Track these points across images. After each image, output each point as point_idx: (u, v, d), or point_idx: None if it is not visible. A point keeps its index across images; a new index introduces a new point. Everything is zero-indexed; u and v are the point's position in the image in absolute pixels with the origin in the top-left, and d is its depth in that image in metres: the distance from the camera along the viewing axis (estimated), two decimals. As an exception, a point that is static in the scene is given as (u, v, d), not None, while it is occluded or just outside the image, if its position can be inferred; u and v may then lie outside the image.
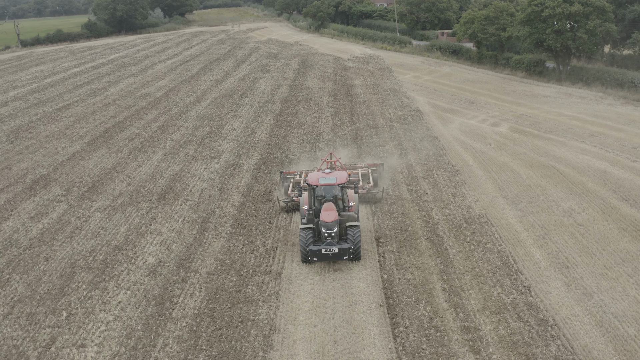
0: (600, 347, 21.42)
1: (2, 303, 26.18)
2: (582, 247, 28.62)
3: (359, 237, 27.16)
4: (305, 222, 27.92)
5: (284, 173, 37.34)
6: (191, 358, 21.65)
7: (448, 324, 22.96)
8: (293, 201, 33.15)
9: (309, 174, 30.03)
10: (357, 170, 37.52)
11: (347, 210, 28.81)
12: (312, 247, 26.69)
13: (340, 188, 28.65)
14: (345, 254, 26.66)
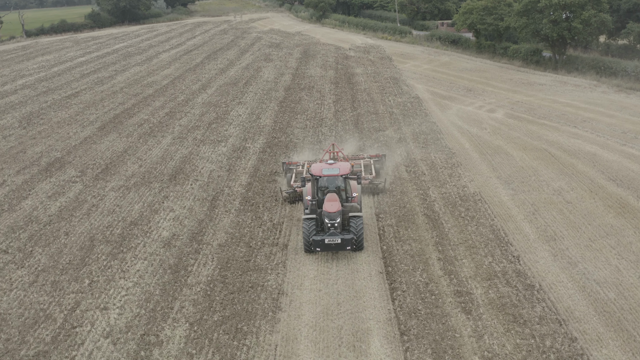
0: (582, 309, 23.36)
1: (27, 272, 28.08)
2: (569, 222, 30.54)
3: (361, 227, 27.36)
4: (309, 213, 28.22)
5: (287, 164, 37.36)
6: (206, 318, 23.60)
7: (442, 289, 24.93)
8: (296, 192, 33.38)
9: (312, 165, 30.31)
10: (359, 161, 37.60)
11: (350, 201, 28.98)
12: (315, 237, 26.87)
13: (343, 179, 28.87)
14: (348, 244, 26.88)
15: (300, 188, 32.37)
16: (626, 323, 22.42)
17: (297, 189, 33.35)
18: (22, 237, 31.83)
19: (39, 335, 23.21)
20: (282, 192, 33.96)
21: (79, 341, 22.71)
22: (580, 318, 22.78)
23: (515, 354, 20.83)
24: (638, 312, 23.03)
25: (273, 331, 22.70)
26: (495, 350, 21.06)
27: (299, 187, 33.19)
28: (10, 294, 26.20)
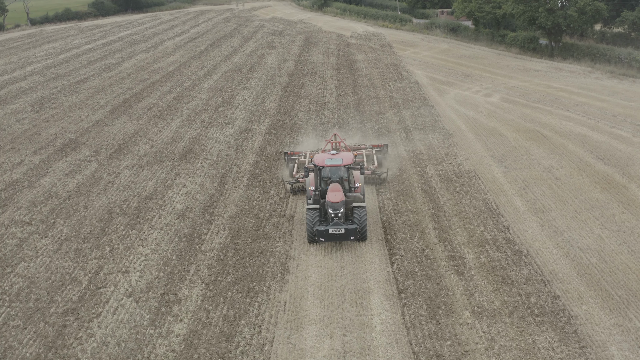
0: (565, 272, 25.49)
1: (50, 242, 30.19)
2: (557, 196, 32.64)
3: (365, 217, 27.47)
4: (312, 203, 28.43)
5: (289, 154, 37.20)
6: (220, 279, 25.76)
7: (437, 254, 27.06)
8: (298, 182, 33.47)
9: (315, 155, 30.37)
10: (361, 151, 37.35)
11: (353, 191, 29.01)
12: (318, 227, 26.88)
13: (346, 169, 28.90)
14: (352, 234, 26.91)
15: (303, 178, 32.46)
16: (605, 284, 24.54)
17: (300, 180, 33.34)
18: (43, 210, 33.87)
19: (66, 295, 25.31)
20: (285, 183, 34.03)
21: (104, 300, 24.81)
22: (564, 279, 24.89)
23: (502, 309, 22.95)
24: (617, 274, 25.13)
25: (282, 290, 24.85)
26: (484, 305, 23.19)
27: (301, 178, 33.18)
28: (37, 260, 28.29)
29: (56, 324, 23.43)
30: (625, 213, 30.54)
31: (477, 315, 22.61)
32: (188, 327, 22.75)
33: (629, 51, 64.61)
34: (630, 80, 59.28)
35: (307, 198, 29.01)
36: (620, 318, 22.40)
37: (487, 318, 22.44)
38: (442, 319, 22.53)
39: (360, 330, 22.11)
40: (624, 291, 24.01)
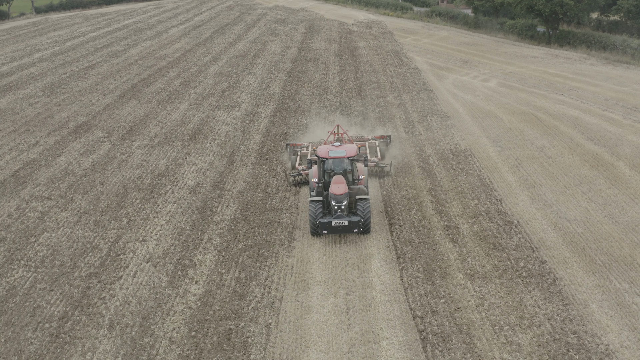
0: (553, 240, 27.45)
1: (70, 214, 32.13)
2: (548, 173, 34.57)
3: (368, 210, 27.28)
4: (315, 195, 28.33)
5: (291, 145, 37.09)
6: (232, 246, 27.74)
7: (433, 224, 29.03)
8: (301, 174, 33.29)
9: (319, 147, 29.95)
10: (364, 142, 37.08)
11: (357, 183, 28.89)
12: (321, 219, 26.86)
13: (349, 161, 28.79)
14: (355, 227, 26.78)
15: (306, 171, 32.45)
16: (589, 250, 26.50)
17: (303, 172, 33.21)
18: (61, 186, 35.80)
19: (89, 261, 27.29)
20: (288, 175, 33.89)
21: (124, 265, 26.79)
22: (551, 246, 26.85)
23: (493, 272, 24.94)
24: (600, 242, 27.09)
25: (289, 256, 26.84)
26: (476, 269, 25.18)
27: (304, 170, 33.14)
28: (58, 231, 30.25)
29: (80, 286, 25.37)
30: (611, 188, 32.43)
31: (470, 277, 24.57)
32: (203, 287, 24.72)
33: (623, 38, 66.35)
34: (625, 67, 61.05)
35: (310, 190, 28.98)
36: (602, 280, 24.34)
37: (479, 279, 24.40)
38: (437, 280, 24.49)
39: (362, 289, 24.08)
40: (606, 257, 25.94)
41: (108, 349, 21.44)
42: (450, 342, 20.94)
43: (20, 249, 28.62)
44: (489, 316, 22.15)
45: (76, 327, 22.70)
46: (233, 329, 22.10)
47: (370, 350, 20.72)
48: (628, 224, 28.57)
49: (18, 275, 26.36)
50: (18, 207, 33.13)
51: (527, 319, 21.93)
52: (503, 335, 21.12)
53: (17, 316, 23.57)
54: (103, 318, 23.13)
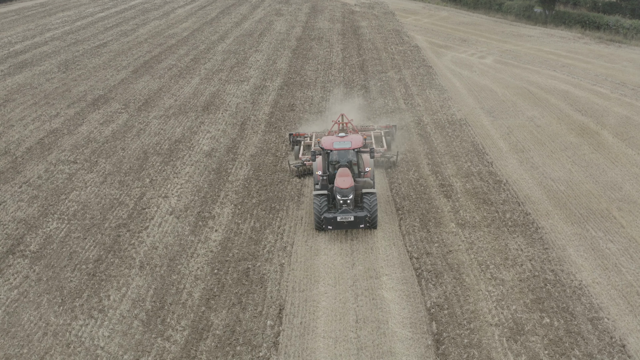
0: (537, 196, 30.33)
1: (96, 175, 35.00)
2: (537, 139, 37.39)
3: (375, 204, 26.42)
4: (319, 188, 27.57)
5: (294, 135, 36.18)
6: (247, 201, 30.65)
7: (429, 182, 31.91)
8: (305, 165, 32.69)
9: (323, 138, 28.89)
10: (369, 132, 36.26)
11: (363, 176, 27.95)
12: (326, 214, 26.18)
13: (355, 153, 27.76)
14: (362, 222, 26.01)
15: (310, 162, 31.94)
16: (570, 205, 29.39)
17: (307, 163, 32.55)
18: (85, 152, 38.65)
19: (117, 214, 30.22)
20: (290, 165, 33.06)
21: (150, 217, 29.72)
22: (535, 201, 29.75)
23: (482, 221, 27.85)
24: (580, 198, 29.96)
25: (299, 209, 29.75)
26: (467, 219, 28.09)
27: (308, 161, 32.49)
28: (87, 190, 33.15)
29: (111, 234, 28.32)
30: (594, 153, 35.27)
31: (461, 226, 27.50)
32: (222, 235, 27.67)
33: (617, 18, 68.84)
34: (617, 45, 63.66)
35: (315, 183, 28.28)
36: (580, 229, 27.24)
37: (469, 228, 27.32)
38: (431, 229, 27.42)
39: (364, 236, 27.01)
40: (585, 210, 28.84)
41: (140, 284, 24.37)
42: (442, 278, 23.88)
43: (53, 204, 31.49)
44: (477, 257, 25.07)
45: (110, 268, 25.63)
46: (250, 267, 25.06)
47: (372, 284, 23.68)
48: (607, 183, 31.41)
49: (53, 227, 29.26)
50: (46, 169, 35.97)
51: (510, 259, 24.84)
52: (489, 273, 24.04)
53: (56, 259, 26.49)
54: (134, 260, 26.06)
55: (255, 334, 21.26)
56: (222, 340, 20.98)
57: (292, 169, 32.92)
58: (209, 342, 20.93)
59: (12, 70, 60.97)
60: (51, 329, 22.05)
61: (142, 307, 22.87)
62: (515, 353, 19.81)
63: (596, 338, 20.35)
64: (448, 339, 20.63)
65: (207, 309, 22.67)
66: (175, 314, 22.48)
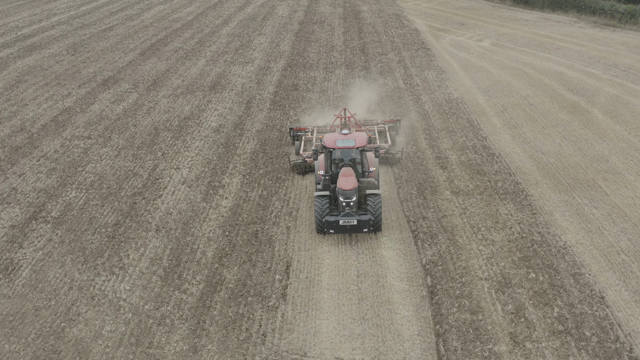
0: (528, 167, 32.24)
1: (110, 150, 36.85)
2: (529, 116, 39.28)
3: (379, 206, 25.38)
4: (321, 189, 26.53)
5: (294, 129, 35.38)
6: (254, 172, 32.55)
7: (426, 155, 33.81)
8: (306, 162, 31.71)
9: (325, 135, 27.66)
10: (372, 127, 35.26)
11: (367, 175, 26.88)
12: (328, 217, 24.98)
13: (359, 151, 26.66)
14: (365, 226, 24.99)
15: (311, 159, 31.04)
16: (558, 175, 31.31)
17: (308, 159, 31.62)
18: (98, 128, 40.51)
19: (132, 184, 32.13)
20: (291, 162, 32.11)
21: (163, 186, 31.65)
22: (525, 172, 31.68)
23: (475, 190, 29.78)
24: (569, 169, 31.88)
25: (303, 179, 31.65)
26: (461, 187, 30.02)
27: (309, 158, 31.62)
28: (102, 162, 35.05)
29: (128, 202, 30.25)
30: (584, 129, 37.17)
31: (455, 194, 29.44)
32: (232, 202, 29.63)
33: (612, 3, 70.57)
34: (611, 29, 65.42)
35: (316, 183, 27.14)
36: (566, 197, 29.18)
37: (463, 195, 29.27)
38: (428, 196, 29.37)
39: (365, 202, 28.92)
40: (572, 180, 30.77)
41: (157, 245, 26.35)
42: (437, 239, 25.85)
43: (70, 176, 33.40)
44: (470, 221, 27.03)
45: (128, 231, 27.59)
46: (259, 230, 27.03)
47: (372, 244, 25.65)
48: (594, 156, 33.34)
49: (72, 195, 31.18)
50: (62, 144, 37.84)
51: (500, 223, 26.80)
52: (480, 234, 26.01)
53: (77, 224, 28.43)
54: (150, 224, 28.02)
55: (265, 286, 23.23)
56: (235, 292, 22.95)
57: (292, 165, 31.87)
58: (222, 294, 22.90)
59: (22, 53, 62.62)
60: (76, 284, 23.95)
61: (160, 265, 24.83)
62: (503, 303, 21.75)
63: (577, 291, 22.25)
64: (441, 291, 22.61)
65: (220, 265, 24.62)
66: (190, 270, 24.43)
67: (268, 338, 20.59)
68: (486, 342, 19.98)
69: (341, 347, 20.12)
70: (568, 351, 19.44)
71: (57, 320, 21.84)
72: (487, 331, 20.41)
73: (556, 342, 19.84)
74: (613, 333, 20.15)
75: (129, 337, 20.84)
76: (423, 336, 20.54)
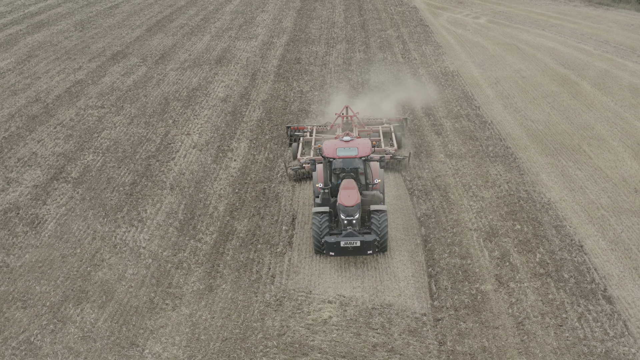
0: (517, 133, 34.34)
1: (123, 118, 38.87)
2: (521, 88, 41.33)
3: (385, 225, 22.67)
4: (320, 203, 23.79)
5: (292, 129, 32.76)
6: (260, 137, 34.64)
7: (422, 123, 35.90)
8: (304, 168, 28.90)
9: (324, 143, 24.69)
10: (377, 127, 32.45)
11: (371, 188, 24.08)
12: (328, 238, 22.45)
13: (362, 161, 23.85)
14: (370, 248, 22.28)
15: (309, 165, 27.16)
16: (546, 141, 33.42)
17: (305, 165, 28.67)
18: (111, 98, 42.51)
19: (146, 148, 34.23)
20: (287, 169, 29.39)
21: (175, 150, 33.75)
22: (515, 138, 33.79)
23: (467, 153, 31.89)
24: (556, 136, 33.98)
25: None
26: (454, 151, 32.14)
27: (307, 163, 28.59)
28: (116, 129, 37.11)
29: (143, 164, 32.37)
30: (572, 100, 39.24)
31: (449, 157, 31.58)
32: (240, 164, 31.75)
33: (606, -18, 72.34)
34: (605, 8, 67.30)
35: (315, 196, 24.51)
36: (553, 160, 31.30)
37: (455, 158, 31.41)
38: (423, 159, 31.49)
39: (365, 163, 31.01)
40: (558, 145, 32.88)
41: (172, 201, 28.50)
42: (431, 195, 28.02)
43: (87, 141, 35.48)
44: (461, 180, 29.19)
45: (145, 189, 29.73)
46: (267, 188, 29.18)
47: (371, 199, 27.75)
48: (580, 124, 35.46)
49: (90, 159, 33.29)
50: (77, 113, 39.88)
51: (490, 182, 28.95)
52: (471, 192, 28.17)
53: (96, 183, 30.55)
54: (164, 183, 30.15)
55: (272, 236, 25.43)
56: (245, 241, 25.15)
57: (289, 173, 29.15)
58: (234, 242, 25.11)
59: (31, 29, 64.42)
60: (98, 234, 26.12)
61: (176, 218, 27.01)
62: (490, 250, 23.96)
63: (558, 240, 24.45)
64: (434, 240, 24.81)
65: (231, 218, 26.81)
66: (204, 222, 26.62)
67: (277, 279, 22.76)
68: (474, 282, 22.17)
69: (343, 286, 22.29)
70: (548, 290, 21.58)
71: (83, 266, 23.95)
72: (475, 273, 22.60)
73: (537, 282, 21.99)
74: (589, 276, 22.29)
75: (150, 279, 23.00)
76: (417, 277, 22.73)
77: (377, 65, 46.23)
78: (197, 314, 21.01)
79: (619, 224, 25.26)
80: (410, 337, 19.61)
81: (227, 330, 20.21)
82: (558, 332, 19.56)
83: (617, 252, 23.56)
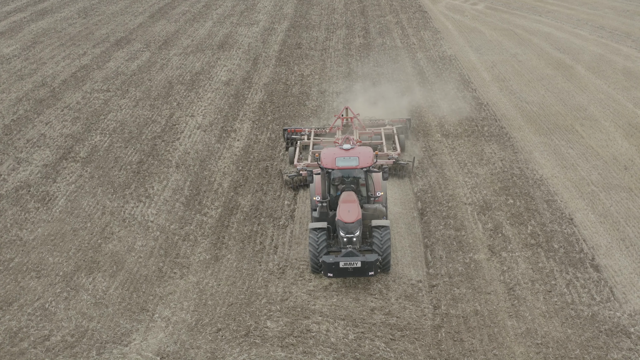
0: (512, 114, 35.36)
1: (129, 101, 39.86)
2: (517, 72, 42.32)
3: (388, 242, 21.02)
4: (317, 218, 22.12)
5: (289, 131, 31.17)
6: (262, 118, 35.67)
7: (420, 104, 36.88)
8: (300, 175, 27.37)
9: (322, 152, 22.88)
10: (379, 129, 31.06)
11: (373, 201, 22.20)
12: (326, 257, 20.59)
13: (364, 172, 22.02)
14: (371, 269, 20.38)
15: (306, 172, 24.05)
16: (539, 121, 34.45)
17: (303, 172, 27.04)
18: (116, 82, 43.50)
19: (151, 129, 35.26)
20: (284, 175, 27.91)
21: (180, 130, 34.78)
22: (510, 118, 34.83)
23: (463, 133, 32.90)
24: (549, 116, 34.99)
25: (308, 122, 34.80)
26: (451, 131, 33.19)
27: (304, 170, 26.84)
28: (122, 111, 38.11)
29: (148, 144, 33.40)
30: (566, 83, 40.23)
31: (445, 136, 32.64)
32: (243, 143, 32.81)
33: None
34: (600, -6, 68.14)
35: (312, 209, 22.83)
36: (546, 139, 32.33)
37: (452, 137, 32.46)
38: (420, 138, 32.54)
39: (364, 142, 32.05)
40: (552, 125, 33.91)
41: (178, 178, 29.56)
42: (427, 172, 29.08)
43: (94, 123, 36.51)
44: (457, 158, 30.25)
45: (151, 167, 30.79)
46: (269, 166, 30.25)
47: (370, 176, 28.81)
48: (574, 106, 36.47)
49: (97, 139, 34.33)
50: (83, 97, 40.89)
51: (485, 159, 30.01)
52: (466, 169, 29.23)
53: (104, 162, 31.59)
54: (170, 162, 31.21)
55: (275, 210, 26.51)
56: (249, 215, 26.24)
57: (285, 179, 27.59)
58: (238, 216, 26.20)
59: (34, 17, 65.28)
60: (108, 210, 27.18)
61: (182, 194, 28.09)
62: (483, 222, 25.05)
63: (549, 213, 25.51)
64: (430, 213, 25.91)
65: (235, 194, 27.89)
66: (209, 198, 27.71)
67: (279, 249, 23.86)
68: (467, 251, 23.27)
69: (342, 255, 23.32)
70: (538, 259, 22.65)
71: (93, 238, 25.02)
72: (469, 244, 23.69)
73: (528, 252, 23.07)
74: (578, 246, 23.36)
75: (158, 250, 24.10)
76: (413, 247, 23.83)
77: (376, 50, 47.15)
78: (204, 281, 22.08)
79: (608, 199, 26.28)
80: (407, 302, 20.69)
81: (232, 296, 21.27)
82: (547, 297, 20.57)
83: (606, 224, 24.55)
